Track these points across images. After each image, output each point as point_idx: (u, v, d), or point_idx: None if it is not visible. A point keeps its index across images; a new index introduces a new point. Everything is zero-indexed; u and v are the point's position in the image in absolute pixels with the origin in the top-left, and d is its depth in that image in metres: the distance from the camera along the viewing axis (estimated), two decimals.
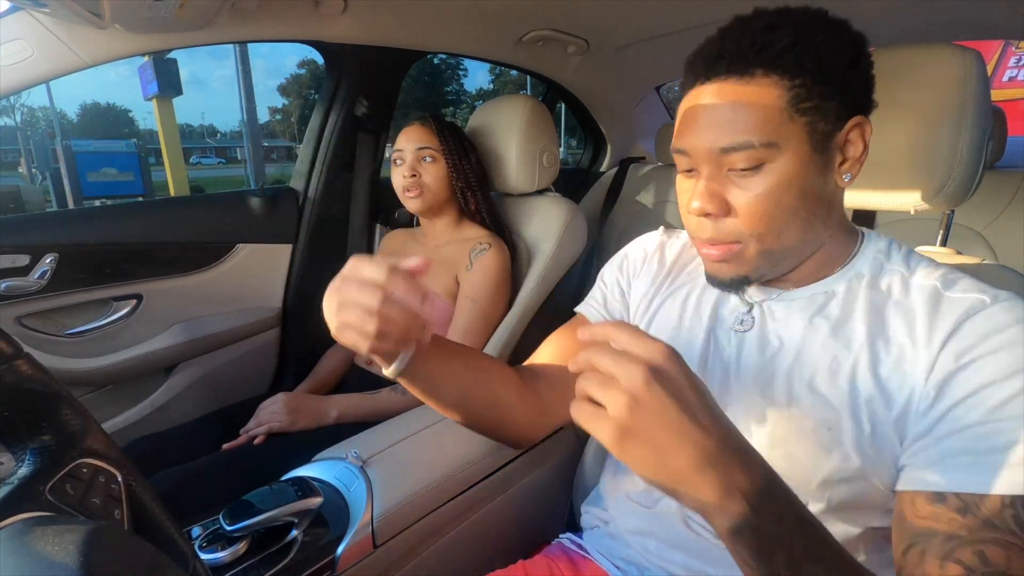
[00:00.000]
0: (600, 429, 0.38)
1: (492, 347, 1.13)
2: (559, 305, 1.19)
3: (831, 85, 0.48)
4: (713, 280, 0.57)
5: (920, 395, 0.47)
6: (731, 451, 0.38)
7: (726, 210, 0.51)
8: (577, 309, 0.78)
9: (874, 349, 0.50)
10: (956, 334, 0.46)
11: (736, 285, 0.56)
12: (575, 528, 0.79)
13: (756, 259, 0.53)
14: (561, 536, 0.77)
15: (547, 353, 0.74)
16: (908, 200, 0.63)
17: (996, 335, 0.45)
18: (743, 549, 0.38)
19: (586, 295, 0.78)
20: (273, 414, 1.02)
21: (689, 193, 0.54)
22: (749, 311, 0.59)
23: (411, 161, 1.15)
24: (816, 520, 0.40)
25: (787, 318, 0.56)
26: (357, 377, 1.22)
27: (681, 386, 0.38)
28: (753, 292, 0.60)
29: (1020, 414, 0.42)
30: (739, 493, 0.37)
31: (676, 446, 0.37)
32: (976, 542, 0.40)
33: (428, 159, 1.15)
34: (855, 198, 0.69)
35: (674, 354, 0.39)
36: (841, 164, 0.51)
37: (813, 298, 0.56)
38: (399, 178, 1.16)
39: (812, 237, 0.54)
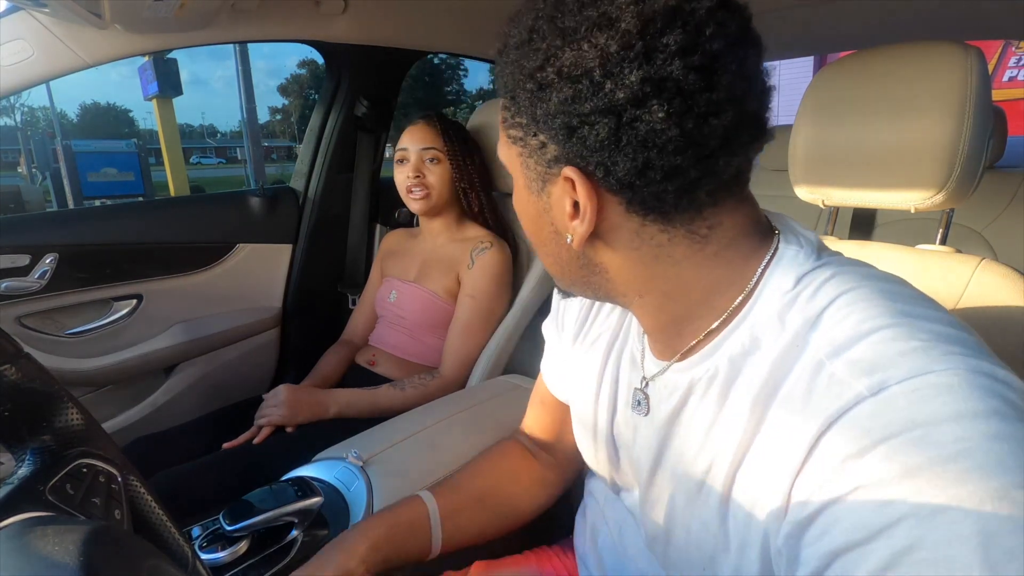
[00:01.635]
0: None
1: (491, 347, 1.13)
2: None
3: (528, 118, 0.38)
4: None
5: (775, 553, 0.35)
6: None
7: None
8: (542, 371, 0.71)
9: (744, 466, 0.38)
10: (814, 453, 0.32)
11: (561, 293, 0.55)
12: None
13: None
14: (563, 541, 0.77)
15: (536, 420, 0.73)
16: (908, 199, 0.63)
17: (856, 461, 0.30)
18: None
19: None
20: (273, 408, 1.02)
21: None
22: (644, 387, 0.48)
23: (415, 162, 1.15)
24: None
25: (674, 405, 0.44)
26: (358, 376, 1.22)
27: None
28: (650, 362, 0.48)
29: None
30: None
31: None
32: None
33: (432, 160, 1.15)
34: (854, 197, 0.69)
35: None
36: (573, 219, 0.39)
37: (696, 376, 0.42)
38: (402, 178, 1.16)
39: (579, 280, 0.45)
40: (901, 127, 0.62)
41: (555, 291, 0.72)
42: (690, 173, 0.35)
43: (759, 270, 0.40)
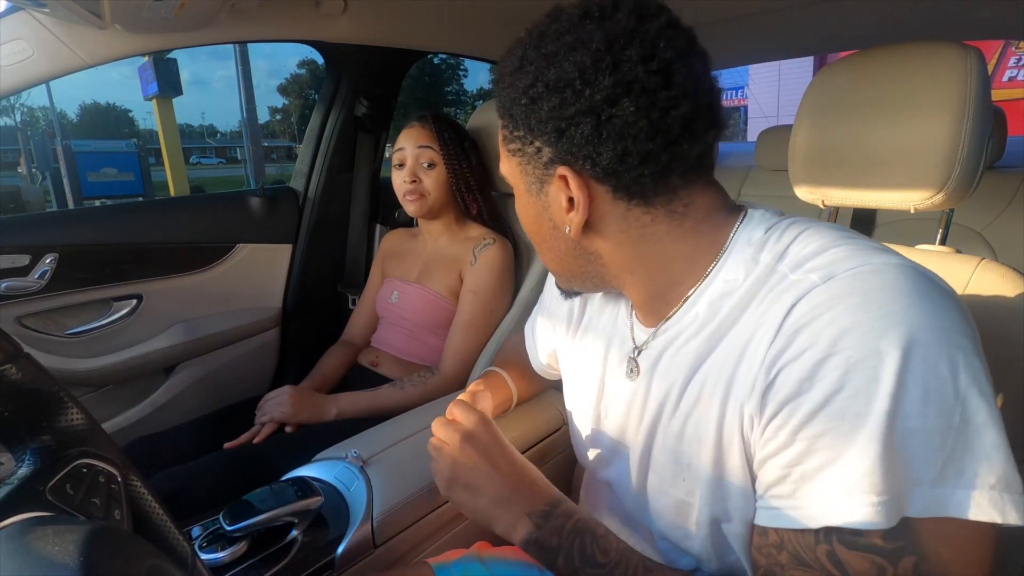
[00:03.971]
0: (437, 479, 0.56)
1: (491, 346, 1.13)
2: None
3: (524, 130, 0.46)
4: None
5: (747, 421, 0.41)
6: (522, 489, 0.53)
7: None
8: (526, 331, 0.82)
9: (732, 381, 0.43)
10: (777, 336, 0.39)
11: (563, 293, 0.60)
12: None
13: (552, 273, 0.58)
14: None
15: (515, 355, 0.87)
16: (908, 199, 0.63)
17: (807, 328, 0.37)
18: (534, 555, 0.50)
19: None
20: (277, 405, 1.03)
21: None
22: (635, 355, 0.53)
23: (411, 165, 1.15)
24: (598, 532, 0.50)
25: (664, 361, 0.49)
26: (361, 377, 1.22)
27: (487, 445, 0.55)
28: (638, 331, 0.54)
29: (825, 430, 0.36)
30: (526, 518, 0.51)
31: (481, 490, 0.53)
32: None
33: (428, 164, 1.15)
34: (854, 197, 0.69)
35: (484, 421, 0.56)
36: (569, 212, 0.47)
37: (681, 330, 0.48)
38: (399, 182, 1.16)
39: (578, 272, 0.52)
40: (901, 127, 0.62)
41: (545, 291, 0.76)
42: (661, 157, 0.42)
43: (732, 231, 0.47)
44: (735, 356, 0.42)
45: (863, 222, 0.82)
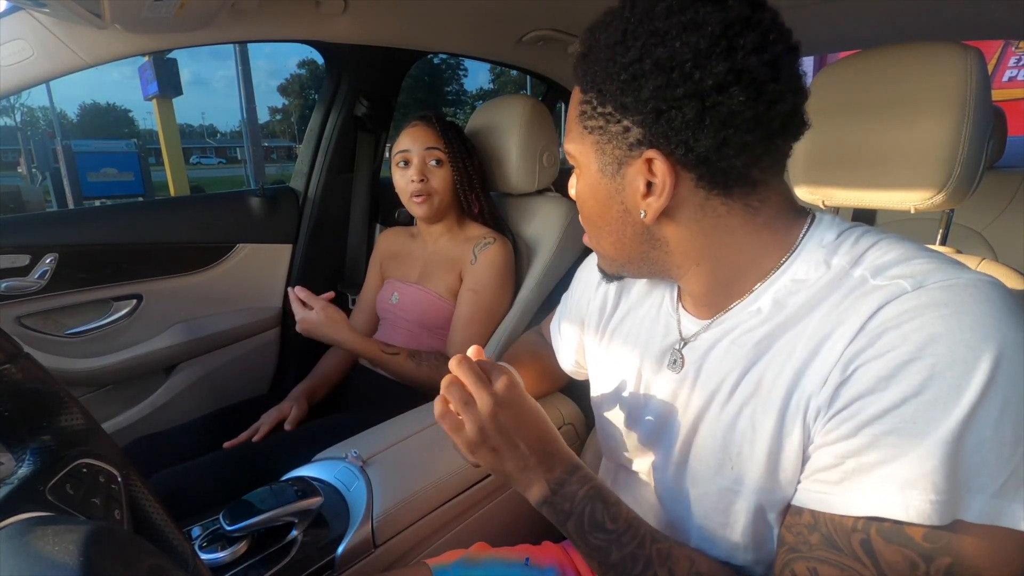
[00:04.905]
0: (460, 441, 0.52)
1: (491, 346, 1.13)
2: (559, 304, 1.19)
3: (615, 107, 0.44)
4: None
5: (812, 414, 0.42)
6: (545, 456, 0.51)
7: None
8: (551, 331, 0.82)
9: (801, 374, 0.43)
10: (859, 335, 0.40)
11: (605, 277, 0.59)
12: None
13: (599, 256, 0.57)
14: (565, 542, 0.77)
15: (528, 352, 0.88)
16: (908, 199, 0.63)
17: (894, 331, 0.38)
18: (547, 516, 0.51)
19: None
20: (307, 312, 1.02)
21: None
22: (681, 347, 0.54)
23: (419, 165, 1.14)
24: (610, 500, 0.50)
25: (716, 352, 0.50)
26: (361, 376, 1.22)
27: (519, 412, 0.51)
28: (686, 323, 0.54)
29: (893, 429, 0.36)
30: (544, 482, 0.51)
31: (507, 455, 0.51)
32: (812, 559, 0.40)
33: (435, 163, 1.14)
34: (855, 197, 0.69)
35: (513, 384, 0.51)
36: (646, 197, 0.46)
37: (739, 322, 0.48)
38: (405, 182, 1.14)
39: (637, 257, 0.51)
40: (901, 128, 0.62)
41: (573, 288, 0.75)
42: (756, 150, 0.42)
43: (802, 232, 0.47)
44: (805, 352, 0.42)
45: (863, 222, 0.82)
